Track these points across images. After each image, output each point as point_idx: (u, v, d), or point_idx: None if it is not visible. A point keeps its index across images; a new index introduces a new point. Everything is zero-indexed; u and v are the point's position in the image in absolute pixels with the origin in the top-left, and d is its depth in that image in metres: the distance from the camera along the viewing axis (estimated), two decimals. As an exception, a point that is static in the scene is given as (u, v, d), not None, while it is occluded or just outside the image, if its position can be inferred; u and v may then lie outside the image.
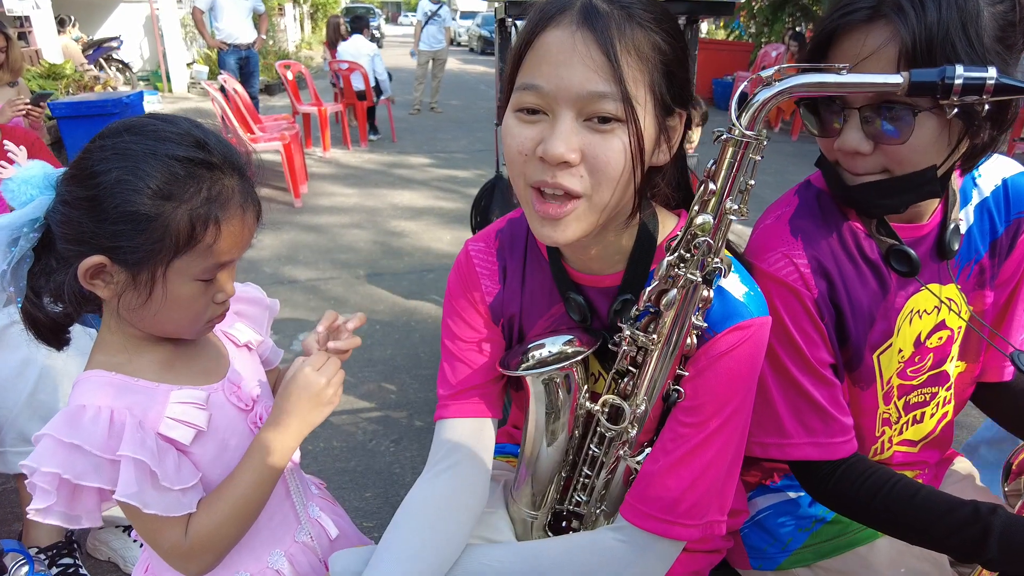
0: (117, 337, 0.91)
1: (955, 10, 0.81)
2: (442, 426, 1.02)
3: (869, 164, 0.91)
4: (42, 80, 6.59)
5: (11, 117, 2.96)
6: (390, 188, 6.18)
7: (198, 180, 0.83)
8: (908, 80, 0.70)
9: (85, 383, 0.87)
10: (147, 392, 0.89)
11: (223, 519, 0.91)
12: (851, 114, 0.89)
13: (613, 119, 0.76)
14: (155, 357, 0.93)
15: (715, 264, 0.79)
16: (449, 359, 1.05)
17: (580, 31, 0.75)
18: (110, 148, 0.81)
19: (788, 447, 1.00)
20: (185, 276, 0.85)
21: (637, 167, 0.79)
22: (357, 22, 8.13)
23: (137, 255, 0.81)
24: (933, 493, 0.90)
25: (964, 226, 1.03)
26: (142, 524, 0.87)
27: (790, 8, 11.92)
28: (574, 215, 0.80)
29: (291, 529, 1.08)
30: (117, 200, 0.79)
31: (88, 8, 10.63)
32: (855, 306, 0.99)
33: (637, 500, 0.90)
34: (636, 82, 0.76)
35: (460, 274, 1.06)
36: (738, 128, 0.72)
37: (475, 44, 25.43)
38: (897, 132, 0.86)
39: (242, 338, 1.08)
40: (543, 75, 0.77)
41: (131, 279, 0.83)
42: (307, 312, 3.60)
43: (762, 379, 0.96)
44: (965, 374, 1.13)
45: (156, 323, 0.89)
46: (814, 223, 1.00)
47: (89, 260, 0.81)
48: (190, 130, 0.85)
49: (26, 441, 1.62)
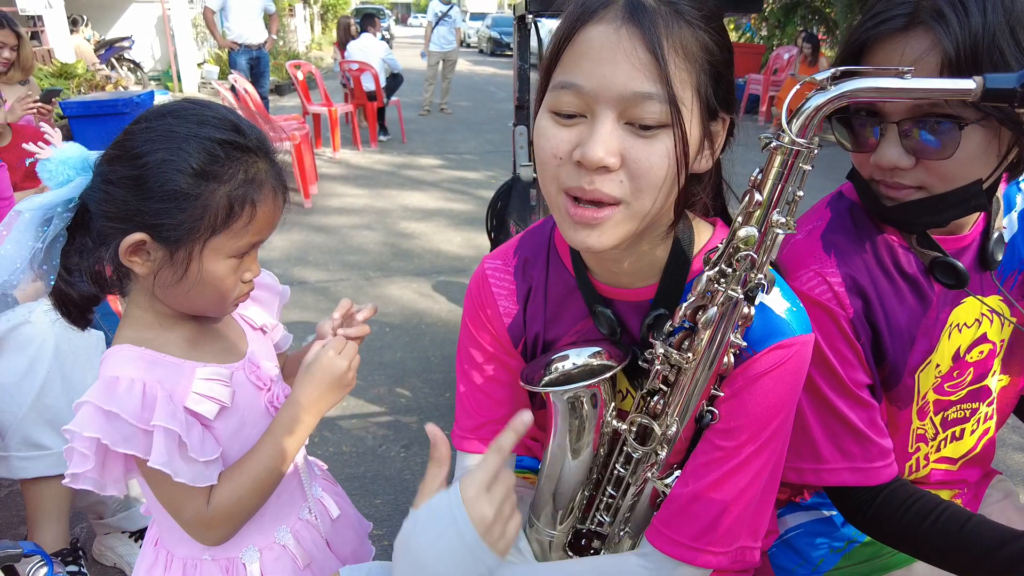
0: (147, 314, 0.94)
1: (1001, 13, 0.75)
2: (462, 458, 1.01)
3: (908, 179, 0.86)
4: (54, 79, 6.61)
5: (21, 115, 2.94)
6: (400, 189, 6.16)
7: (236, 162, 0.87)
8: (982, 86, 0.63)
9: (116, 356, 0.90)
10: (175, 367, 0.93)
11: (244, 492, 0.95)
12: (888, 128, 0.84)
13: (656, 126, 0.71)
14: (181, 334, 0.96)
15: (758, 280, 0.74)
16: (467, 384, 1.01)
17: (625, 27, 0.69)
18: (154, 130, 0.85)
19: (824, 472, 0.95)
20: (220, 254, 0.89)
21: (680, 174, 0.73)
22: (366, 20, 8.12)
23: (178, 232, 0.85)
24: (983, 523, 0.85)
25: (1008, 234, 0.99)
26: (166, 493, 0.91)
27: (802, 10, 11.85)
28: (612, 221, 0.74)
29: (297, 507, 1.11)
30: (162, 179, 0.83)
31: (100, 8, 10.69)
32: (892, 324, 0.94)
33: (664, 525, 0.86)
34: (683, 83, 0.71)
35: (475, 297, 1.01)
36: (788, 135, 0.67)
37: (484, 45, 25.38)
38: (941, 145, 0.80)
39: (258, 321, 1.12)
40: (584, 73, 0.71)
41: (168, 256, 0.87)
42: (317, 314, 3.57)
43: None
44: (1009, 388, 1.08)
45: (188, 300, 0.92)
46: (847, 238, 0.95)
47: (131, 237, 0.84)
48: (227, 115, 0.90)
49: (31, 446, 1.60)
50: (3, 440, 1.59)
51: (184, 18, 10.68)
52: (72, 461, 0.86)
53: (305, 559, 1.07)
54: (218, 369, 0.96)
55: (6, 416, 1.58)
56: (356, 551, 1.20)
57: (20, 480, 1.64)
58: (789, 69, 9.64)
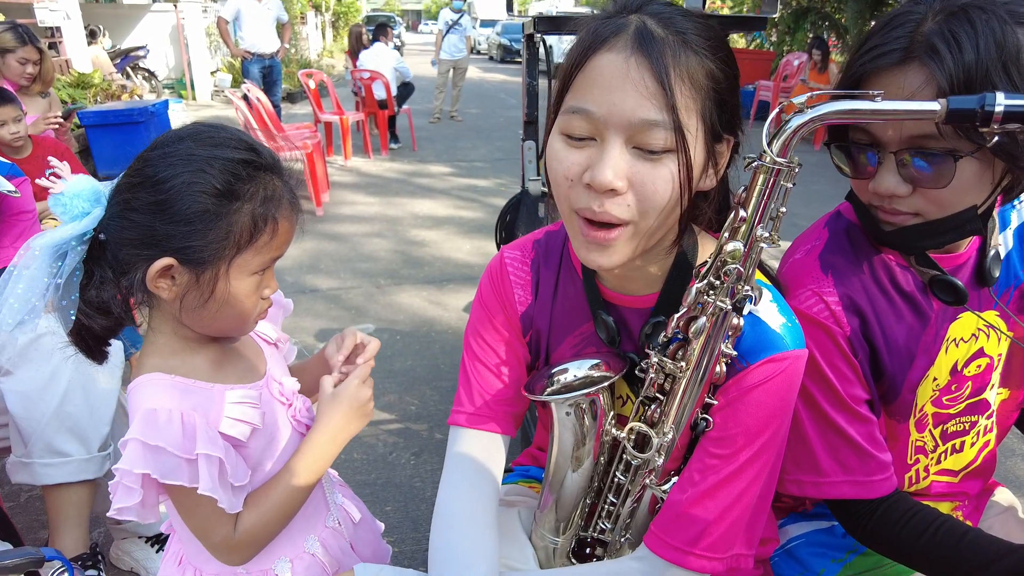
0: (171, 340, 0.95)
1: (993, 48, 0.77)
2: (463, 435, 1.02)
3: (905, 206, 0.88)
4: (71, 89, 6.72)
5: (44, 130, 3.02)
6: (410, 197, 6.21)
7: (255, 181, 0.89)
8: (946, 108, 0.67)
9: (147, 387, 0.91)
10: (205, 393, 0.94)
11: (270, 517, 0.97)
12: (886, 157, 0.86)
13: (662, 151, 0.74)
14: (206, 358, 0.97)
15: (745, 292, 0.77)
16: (475, 363, 1.03)
17: (635, 56, 0.73)
18: (173, 154, 0.86)
19: (824, 485, 0.97)
20: (244, 272, 0.91)
21: (684, 195, 0.77)
22: (378, 30, 8.19)
23: (204, 253, 0.87)
24: (980, 537, 0.87)
25: (1003, 251, 1.00)
26: (198, 518, 0.92)
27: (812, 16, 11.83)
28: (621, 240, 0.79)
29: (322, 516, 1.13)
30: (187, 201, 0.85)
31: (116, 18, 10.84)
32: (890, 341, 0.97)
33: (660, 529, 0.89)
34: (688, 110, 0.74)
35: (493, 280, 1.04)
36: (769, 155, 0.71)
37: (495, 52, 25.48)
38: (937, 175, 0.83)
39: (272, 335, 1.13)
40: (594, 100, 0.75)
41: (195, 279, 0.88)
42: (328, 321, 3.62)
43: (797, 416, 0.94)
44: (1008, 401, 1.10)
45: (214, 321, 0.93)
46: (845, 258, 0.98)
47: (159, 262, 0.85)
48: (240, 135, 0.92)
49: (53, 453, 1.64)
50: (26, 447, 1.64)
51: (198, 27, 10.81)
52: (117, 495, 0.87)
53: (334, 565, 1.11)
54: (247, 391, 0.98)
55: (29, 424, 1.63)
56: (376, 551, 1.24)
57: (42, 486, 1.69)
58: (799, 75, 9.61)
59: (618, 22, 0.76)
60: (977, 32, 0.78)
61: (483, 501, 0.97)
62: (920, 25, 0.82)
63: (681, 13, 0.78)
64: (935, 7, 0.83)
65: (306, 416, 1.10)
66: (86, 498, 1.72)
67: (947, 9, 0.81)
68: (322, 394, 1.04)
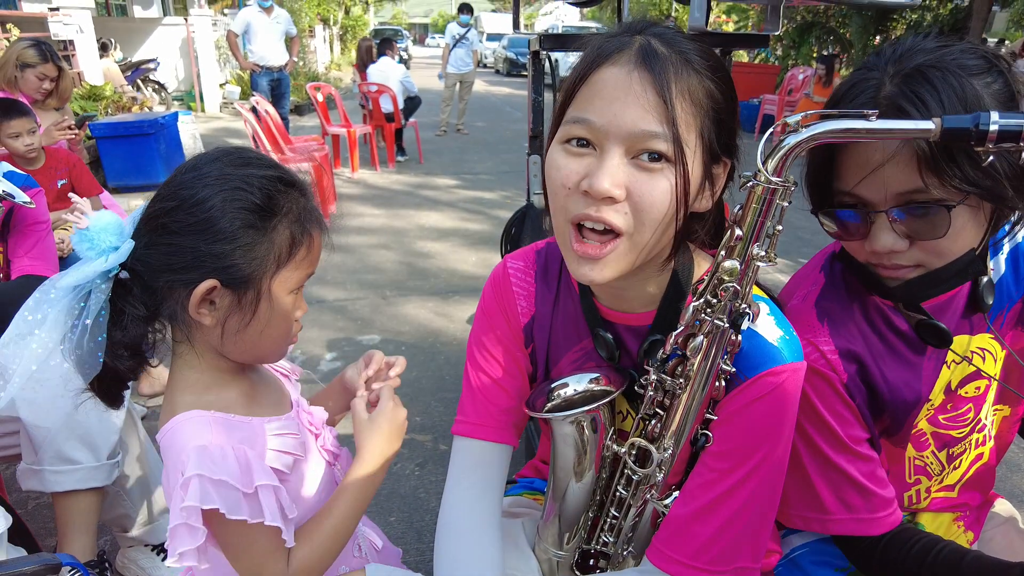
0: (203, 375, 0.92)
1: (956, 101, 0.79)
2: (468, 445, 1.03)
3: (905, 259, 0.89)
4: (83, 101, 6.80)
5: (57, 140, 3.06)
6: (416, 209, 6.24)
7: (287, 196, 0.89)
8: (940, 127, 0.68)
9: (189, 425, 0.87)
10: (246, 426, 0.92)
11: (325, 549, 0.95)
12: (878, 216, 0.87)
13: (662, 157, 0.76)
14: (239, 391, 0.95)
15: (742, 309, 0.78)
16: (479, 373, 1.04)
17: (637, 71, 0.75)
18: (208, 175, 0.86)
19: (829, 523, 0.99)
20: (283, 289, 0.90)
21: (680, 210, 0.78)
22: (384, 44, 8.28)
23: (247, 270, 0.86)
24: (980, 558, 0.89)
25: (996, 276, 1.02)
26: (251, 557, 0.89)
27: (817, 31, 11.90)
28: (614, 255, 0.80)
29: (352, 546, 1.14)
30: (230, 219, 0.84)
31: (128, 31, 10.98)
32: (888, 381, 0.98)
33: (663, 544, 0.90)
34: (687, 126, 0.76)
35: (496, 289, 1.05)
36: (764, 174, 0.72)
37: (501, 66, 25.63)
38: (933, 226, 0.84)
39: (286, 366, 1.12)
40: (595, 110, 0.77)
41: (236, 301, 0.87)
42: (334, 332, 3.64)
43: (799, 457, 0.95)
44: (1009, 417, 1.11)
45: (256, 344, 0.91)
46: (840, 304, 0.99)
47: (204, 284, 0.84)
48: (262, 155, 0.92)
49: (63, 460, 1.66)
50: (36, 454, 1.66)
51: (208, 40, 10.94)
52: (177, 539, 0.82)
53: None
54: (284, 422, 0.97)
55: (40, 431, 1.64)
56: None
57: (51, 493, 1.70)
58: (804, 89, 9.66)
59: (623, 40, 0.78)
60: (938, 90, 0.79)
61: (487, 511, 0.99)
62: (879, 90, 0.84)
63: (684, 35, 0.80)
64: (889, 71, 0.84)
65: (333, 445, 1.09)
66: (94, 505, 1.73)
67: (901, 71, 0.83)
68: (357, 420, 1.02)
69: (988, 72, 0.81)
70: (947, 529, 1.13)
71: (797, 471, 0.96)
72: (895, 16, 11.80)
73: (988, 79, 0.81)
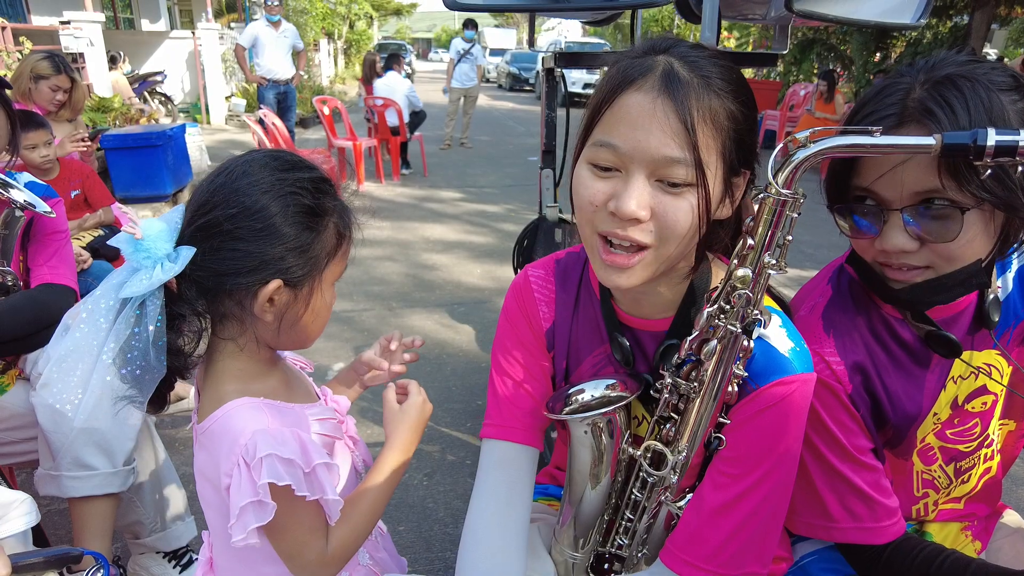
0: (247, 365, 0.97)
1: (983, 111, 0.81)
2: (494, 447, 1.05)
3: (916, 260, 0.90)
4: (92, 113, 6.87)
5: (71, 151, 3.10)
6: (422, 222, 6.29)
7: (328, 195, 0.96)
8: (941, 143, 0.71)
9: (242, 411, 0.91)
10: (293, 412, 0.98)
11: (360, 529, 1.01)
12: (892, 215, 0.89)
13: (683, 184, 0.79)
14: (278, 380, 1.01)
15: (754, 316, 0.81)
16: (501, 376, 1.07)
17: (660, 98, 0.78)
18: (262, 182, 0.90)
19: (834, 531, 1.01)
20: (330, 282, 0.98)
21: (703, 225, 0.82)
22: (391, 59, 8.37)
23: (306, 268, 0.93)
24: (983, 566, 0.91)
25: (1003, 294, 1.03)
26: (295, 536, 0.93)
27: (818, 48, 12.00)
28: (641, 264, 0.84)
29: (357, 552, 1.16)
30: (291, 222, 0.90)
31: (136, 44, 11.10)
32: (892, 393, 1.00)
33: (676, 546, 0.92)
34: (708, 148, 0.80)
35: (518, 296, 1.08)
36: (775, 187, 0.75)
37: (504, 81, 25.80)
38: (945, 229, 0.86)
39: (301, 358, 1.18)
40: (620, 136, 0.80)
41: (293, 296, 0.93)
42: (341, 343, 3.67)
43: (803, 465, 0.97)
44: (1015, 432, 1.13)
45: (303, 334, 0.98)
46: (846, 315, 1.01)
47: (271, 284, 0.90)
48: (300, 157, 0.97)
49: (80, 466, 1.68)
50: (54, 460, 1.68)
51: (214, 53, 11.05)
52: (249, 515, 0.84)
53: (380, 568, 1.18)
54: (322, 408, 1.02)
55: (58, 437, 1.67)
56: (397, 563, 1.29)
57: (68, 499, 1.72)
58: (805, 105, 9.73)
59: (647, 63, 0.81)
60: (967, 98, 0.82)
61: (513, 516, 1.01)
62: (910, 92, 0.87)
63: (706, 55, 0.83)
64: (920, 78, 0.87)
65: (354, 431, 1.15)
66: (110, 511, 1.75)
67: (933, 78, 0.86)
68: (388, 410, 1.10)
69: (1015, 91, 0.84)
70: (955, 538, 1.15)
71: (803, 479, 0.98)
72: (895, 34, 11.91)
73: (1015, 96, 0.84)
